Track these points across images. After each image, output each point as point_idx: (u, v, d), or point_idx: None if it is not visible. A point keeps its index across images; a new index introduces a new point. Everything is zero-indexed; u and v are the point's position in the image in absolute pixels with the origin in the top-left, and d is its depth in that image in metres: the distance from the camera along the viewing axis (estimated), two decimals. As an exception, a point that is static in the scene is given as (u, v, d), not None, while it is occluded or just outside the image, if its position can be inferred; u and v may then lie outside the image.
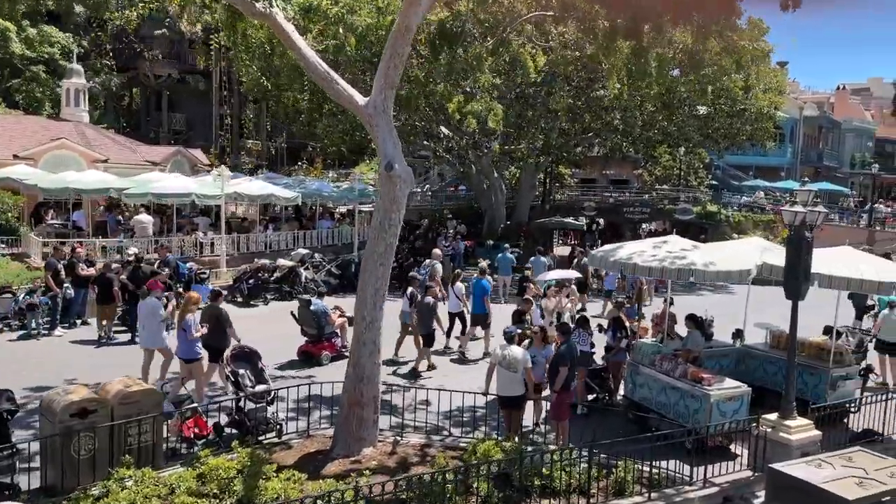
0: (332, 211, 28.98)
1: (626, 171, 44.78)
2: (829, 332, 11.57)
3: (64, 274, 14.63)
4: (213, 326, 10.58)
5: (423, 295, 13.08)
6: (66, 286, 14.68)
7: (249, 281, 17.27)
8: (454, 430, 9.90)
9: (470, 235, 29.37)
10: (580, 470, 7.97)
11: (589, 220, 33.23)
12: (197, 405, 9.12)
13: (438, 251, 18.55)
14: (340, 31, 10.78)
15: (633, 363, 10.99)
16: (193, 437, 8.77)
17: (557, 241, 32.72)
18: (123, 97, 45.62)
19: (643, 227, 35.19)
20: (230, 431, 9.04)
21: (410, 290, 13.50)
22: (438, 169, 40.22)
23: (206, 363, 10.69)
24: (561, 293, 14.31)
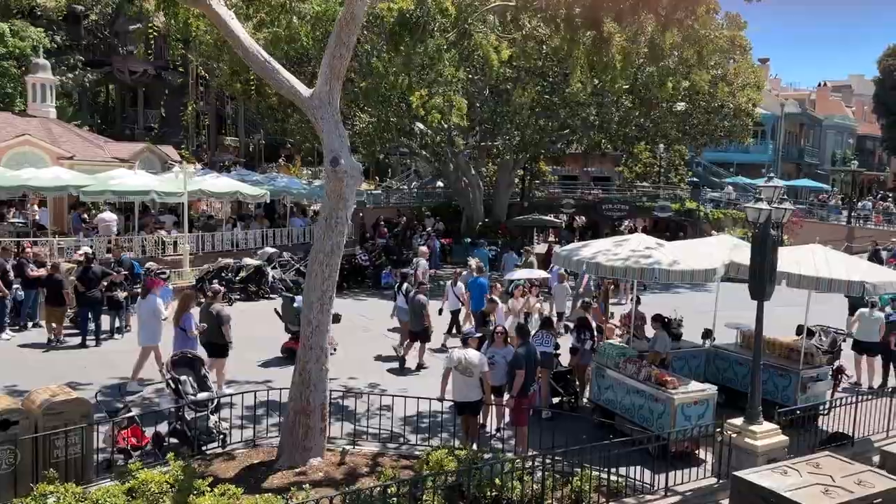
0: (305, 208, 28.38)
1: (607, 168, 44.60)
2: (803, 331, 11.27)
3: (13, 275, 14.07)
4: (211, 325, 10.70)
5: (415, 292, 13.25)
6: (15, 287, 14.13)
7: (213, 281, 16.67)
8: (413, 436, 9.50)
9: (449, 233, 28.98)
10: (537, 479, 7.61)
11: (569, 217, 32.90)
12: (133, 414, 8.62)
13: (425, 249, 18.86)
14: (295, 20, 10.24)
15: (598, 365, 10.63)
16: (130, 448, 8.29)
17: (538, 239, 32.34)
18: (99, 94, 44.74)
19: (626, 223, 34.92)
20: (171, 442, 8.58)
21: (406, 286, 13.68)
22: (415, 166, 39.73)
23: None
24: (531, 293, 13.90)
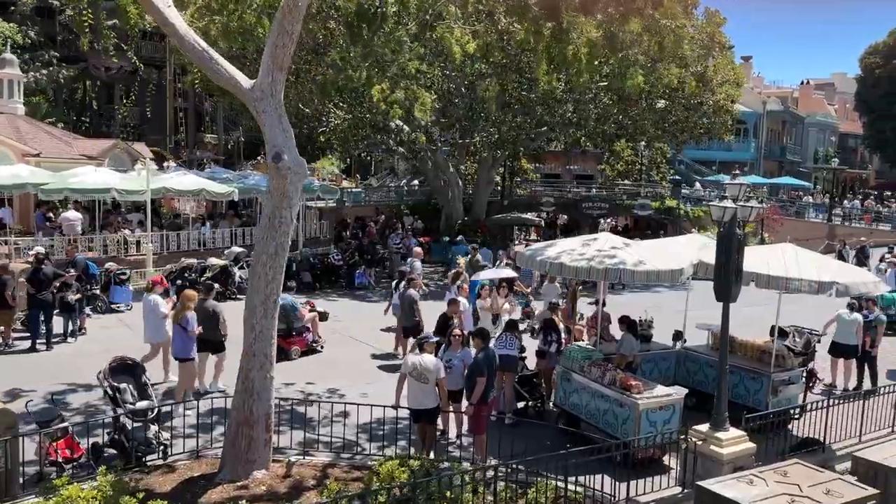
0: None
1: (590, 166, 44.35)
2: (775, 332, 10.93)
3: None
4: (207, 321, 10.70)
5: (405, 286, 13.18)
6: (-37, 289, 13.52)
7: (176, 282, 16.16)
8: (369, 445, 9.08)
9: (428, 232, 28.57)
10: (493, 490, 7.23)
11: (551, 215, 32.56)
12: (67, 424, 8.15)
13: (419, 249, 18.87)
14: (248, 12, 9.79)
15: (564, 369, 10.26)
16: (63, 461, 7.82)
17: (519, 237, 31.97)
18: (76, 90, 43.85)
19: (607, 221, 34.65)
20: (109, 453, 8.13)
21: (402, 283, 13.63)
22: (391, 163, 39.22)
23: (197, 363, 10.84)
24: (499, 293, 13.50)
